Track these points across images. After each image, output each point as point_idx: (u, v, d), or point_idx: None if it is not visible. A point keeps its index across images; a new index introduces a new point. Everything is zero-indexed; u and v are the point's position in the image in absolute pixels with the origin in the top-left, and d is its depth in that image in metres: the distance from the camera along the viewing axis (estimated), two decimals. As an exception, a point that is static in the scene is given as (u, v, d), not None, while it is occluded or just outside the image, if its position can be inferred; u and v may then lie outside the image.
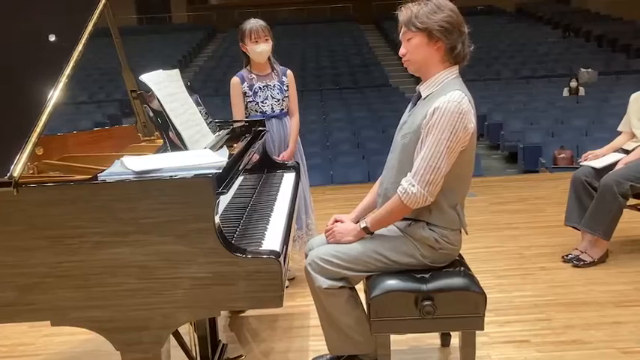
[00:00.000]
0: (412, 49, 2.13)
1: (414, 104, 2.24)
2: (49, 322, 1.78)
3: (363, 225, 2.21)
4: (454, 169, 2.09)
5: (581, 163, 3.79)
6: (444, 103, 2.03)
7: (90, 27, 1.92)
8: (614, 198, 3.44)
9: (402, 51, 2.17)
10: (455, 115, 2.02)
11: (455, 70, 2.16)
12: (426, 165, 2.04)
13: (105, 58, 15.26)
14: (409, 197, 2.06)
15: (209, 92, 12.95)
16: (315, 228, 3.61)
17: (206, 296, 1.71)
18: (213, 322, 2.63)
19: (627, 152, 3.67)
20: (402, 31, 2.15)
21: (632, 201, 3.65)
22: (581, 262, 3.61)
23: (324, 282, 2.18)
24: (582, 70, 12.91)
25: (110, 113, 12.59)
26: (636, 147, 3.62)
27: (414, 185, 2.05)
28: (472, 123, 2.08)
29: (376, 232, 2.25)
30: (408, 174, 2.08)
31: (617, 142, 3.82)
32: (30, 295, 1.73)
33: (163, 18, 24.77)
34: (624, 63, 14.72)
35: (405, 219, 2.20)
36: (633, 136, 3.73)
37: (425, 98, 2.16)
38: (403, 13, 2.13)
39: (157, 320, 1.76)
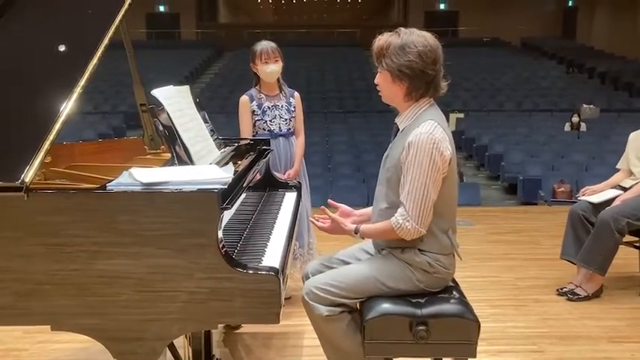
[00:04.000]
0: (380, 82, 2.19)
1: (394, 137, 2.27)
2: (44, 328, 1.80)
3: (354, 226, 2.24)
4: (439, 196, 2.12)
5: (579, 198, 3.83)
6: (417, 136, 2.06)
7: (106, 40, 1.97)
8: (610, 234, 3.47)
9: (375, 81, 2.22)
10: (430, 146, 2.05)
11: (427, 100, 2.19)
12: (415, 199, 2.07)
13: (112, 70, 15.40)
14: (404, 231, 2.10)
15: (214, 109, 13.04)
16: (316, 248, 3.66)
17: (204, 310, 1.73)
18: (208, 337, 2.64)
19: (625, 189, 3.71)
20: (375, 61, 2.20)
21: (628, 238, 3.68)
22: (576, 296, 3.63)
23: (324, 310, 2.18)
24: (584, 105, 13.02)
25: (114, 125, 12.66)
26: (634, 184, 3.67)
27: (408, 221, 2.08)
28: (448, 150, 2.10)
29: (372, 260, 2.27)
30: (401, 208, 2.10)
31: (615, 178, 3.86)
32: (26, 300, 1.75)
33: (172, 34, 25.03)
34: (626, 101, 14.86)
35: (397, 246, 2.23)
36: (631, 173, 3.77)
37: (402, 131, 2.20)
38: (375, 45, 2.16)
39: (152, 332, 1.78)
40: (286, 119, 3.50)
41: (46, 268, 1.72)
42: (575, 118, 11.44)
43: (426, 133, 2.06)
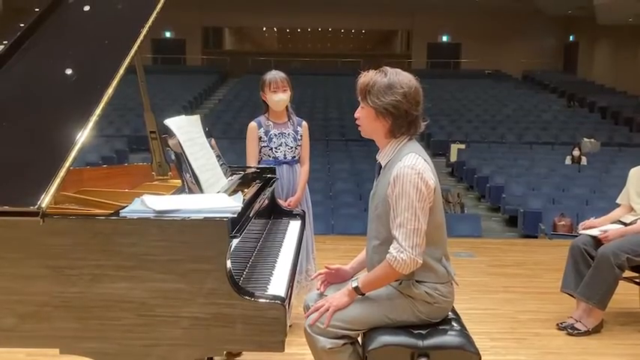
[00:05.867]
0: (362, 117, 2.23)
1: (378, 173, 2.31)
2: (46, 351, 1.82)
3: (354, 285, 2.22)
4: (428, 225, 2.15)
5: (579, 232, 3.86)
6: (401, 169, 2.10)
7: (122, 70, 2.03)
8: (610, 268, 3.49)
9: (356, 114, 2.26)
10: (414, 177, 2.09)
11: (407, 137, 2.22)
12: (407, 231, 2.09)
13: (116, 94, 15.45)
14: (400, 264, 2.10)
15: (218, 134, 13.11)
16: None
17: (209, 336, 1.76)
18: (209, 364, 2.66)
19: (625, 224, 3.74)
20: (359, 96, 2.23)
21: (628, 273, 3.70)
22: (576, 331, 3.64)
23: (327, 342, 2.19)
24: (585, 139, 13.11)
25: (118, 148, 12.74)
26: (635, 220, 3.70)
27: (402, 252, 2.09)
28: (432, 179, 2.14)
29: (373, 292, 2.25)
30: (394, 242, 2.12)
31: (615, 213, 3.89)
32: (28, 322, 1.78)
33: (178, 59, 25.33)
34: (626, 136, 14.96)
35: (395, 279, 2.24)
36: (631, 209, 3.80)
37: (385, 167, 2.24)
38: (360, 81, 2.20)
39: (156, 357, 1.80)
40: (292, 147, 3.56)
41: (49, 290, 1.76)
42: (576, 152, 11.51)
43: (408, 166, 2.11)
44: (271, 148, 3.51)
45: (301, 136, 3.61)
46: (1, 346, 1.84)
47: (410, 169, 2.10)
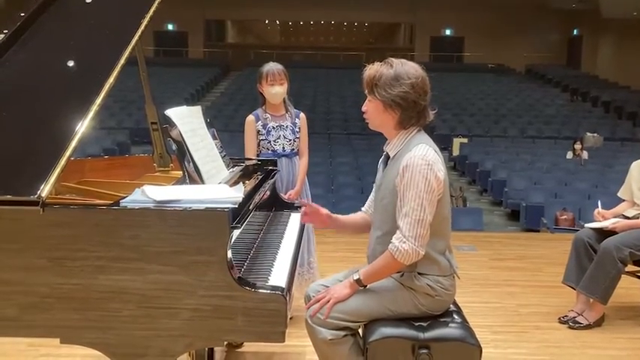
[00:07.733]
0: (370, 110, 2.21)
1: (385, 164, 2.30)
2: (47, 341, 1.83)
3: (355, 277, 2.22)
4: (434, 217, 2.14)
5: (585, 225, 3.85)
6: (412, 159, 2.09)
7: (123, 60, 2.02)
8: (613, 263, 3.48)
9: (363, 108, 2.24)
10: (424, 168, 2.08)
11: (416, 128, 2.22)
12: (412, 220, 2.08)
13: (117, 86, 15.47)
14: (402, 254, 2.10)
15: (219, 127, 12.95)
16: (317, 267, 3.68)
17: (210, 327, 1.76)
18: (211, 355, 2.66)
19: (628, 219, 3.72)
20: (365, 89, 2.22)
21: (631, 267, 3.69)
22: (577, 325, 3.63)
23: (327, 333, 2.19)
24: (588, 134, 13.08)
25: (120, 141, 12.74)
26: (638, 214, 3.68)
27: (404, 242, 2.09)
28: (441, 171, 2.14)
29: (375, 284, 2.25)
30: (397, 232, 2.12)
31: (619, 208, 3.87)
32: (30, 313, 1.78)
33: (180, 52, 25.29)
34: (630, 131, 14.92)
35: (397, 271, 2.24)
36: (635, 204, 3.79)
37: (393, 158, 2.23)
38: (366, 74, 2.18)
39: (156, 348, 1.80)
40: (290, 140, 3.55)
41: (50, 281, 1.75)
42: (577, 145, 11.47)
43: (419, 156, 2.10)
44: (270, 141, 3.51)
45: (299, 128, 3.60)
46: (2, 336, 1.85)
47: (421, 159, 2.09)
